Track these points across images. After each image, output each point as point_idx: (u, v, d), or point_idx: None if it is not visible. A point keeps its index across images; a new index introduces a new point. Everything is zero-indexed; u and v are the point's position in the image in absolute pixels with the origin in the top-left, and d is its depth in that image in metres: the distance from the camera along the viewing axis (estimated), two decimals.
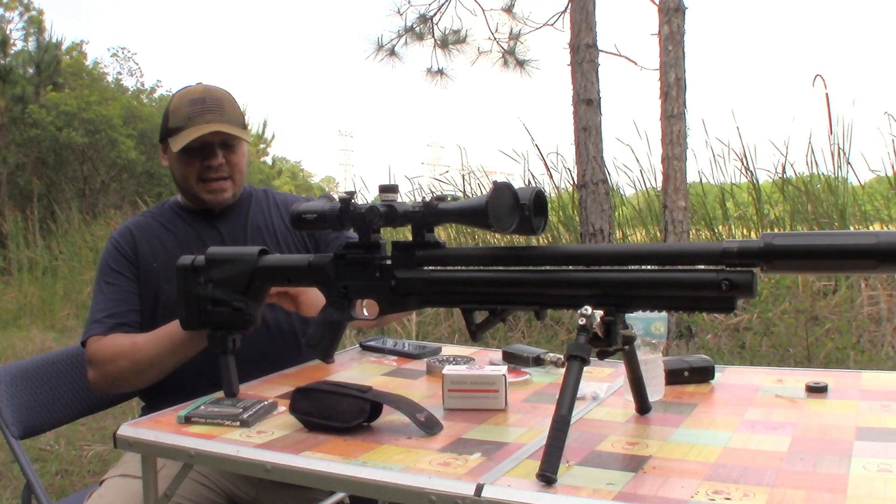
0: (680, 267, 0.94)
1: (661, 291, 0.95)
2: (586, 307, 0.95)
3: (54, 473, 3.03)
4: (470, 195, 6.23)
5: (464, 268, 1.10)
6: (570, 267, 1.01)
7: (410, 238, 1.15)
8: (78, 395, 1.70)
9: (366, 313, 1.22)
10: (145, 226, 1.64)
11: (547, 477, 0.86)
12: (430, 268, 1.13)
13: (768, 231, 5.00)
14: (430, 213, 1.10)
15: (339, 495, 1.51)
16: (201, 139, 1.54)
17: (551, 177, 6.16)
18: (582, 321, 0.94)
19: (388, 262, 1.17)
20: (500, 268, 1.07)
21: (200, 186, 1.59)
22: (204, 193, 1.59)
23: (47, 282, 7.79)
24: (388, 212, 1.13)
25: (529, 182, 6.16)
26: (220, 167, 1.58)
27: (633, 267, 0.98)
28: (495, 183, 1.00)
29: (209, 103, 1.57)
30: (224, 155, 1.58)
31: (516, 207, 0.99)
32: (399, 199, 1.15)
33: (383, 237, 1.19)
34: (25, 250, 8.58)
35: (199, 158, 1.57)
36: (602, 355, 0.99)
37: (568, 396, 0.90)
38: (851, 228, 4.88)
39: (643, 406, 1.14)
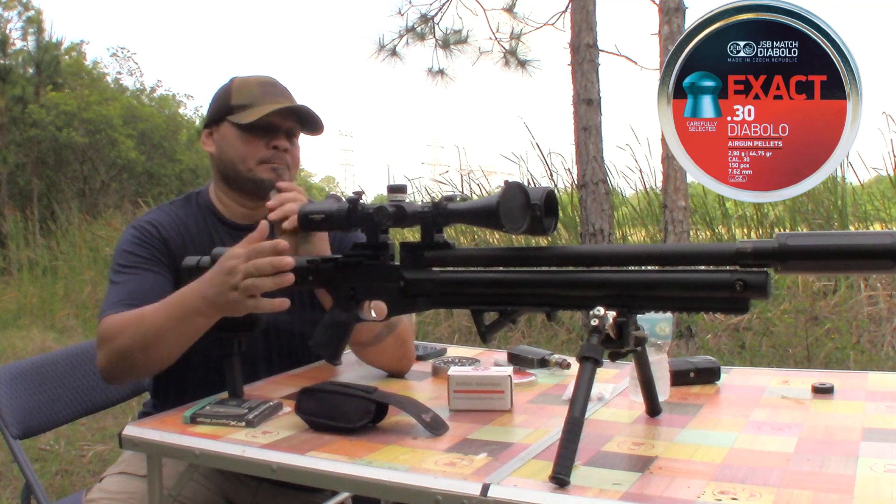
0: (693, 267, 0.93)
1: (675, 292, 0.94)
2: (599, 308, 0.94)
3: (54, 473, 3.03)
4: (469, 195, 6.23)
5: (473, 269, 1.09)
6: (582, 268, 1.00)
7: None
8: (78, 395, 1.69)
9: (373, 315, 1.21)
10: (170, 219, 1.50)
11: (560, 479, 0.86)
12: (440, 269, 1.12)
13: (768, 230, 4.97)
14: (440, 214, 1.09)
15: (341, 496, 1.51)
16: (269, 120, 1.44)
17: (551, 177, 6.16)
18: (594, 322, 0.93)
19: (397, 262, 1.16)
20: (510, 268, 1.06)
21: (261, 167, 1.46)
22: (263, 172, 1.45)
23: (47, 282, 7.79)
24: (396, 212, 1.13)
25: (529, 182, 6.15)
26: (285, 152, 1.48)
27: (644, 267, 0.98)
28: (507, 182, 0.99)
29: (280, 88, 1.52)
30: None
31: (528, 207, 0.99)
32: (407, 199, 1.14)
33: (391, 238, 1.19)
34: (25, 250, 8.58)
35: (263, 139, 1.46)
36: (614, 356, 0.99)
37: (581, 398, 0.89)
38: (851, 228, 4.88)
39: (654, 408, 1.14)
